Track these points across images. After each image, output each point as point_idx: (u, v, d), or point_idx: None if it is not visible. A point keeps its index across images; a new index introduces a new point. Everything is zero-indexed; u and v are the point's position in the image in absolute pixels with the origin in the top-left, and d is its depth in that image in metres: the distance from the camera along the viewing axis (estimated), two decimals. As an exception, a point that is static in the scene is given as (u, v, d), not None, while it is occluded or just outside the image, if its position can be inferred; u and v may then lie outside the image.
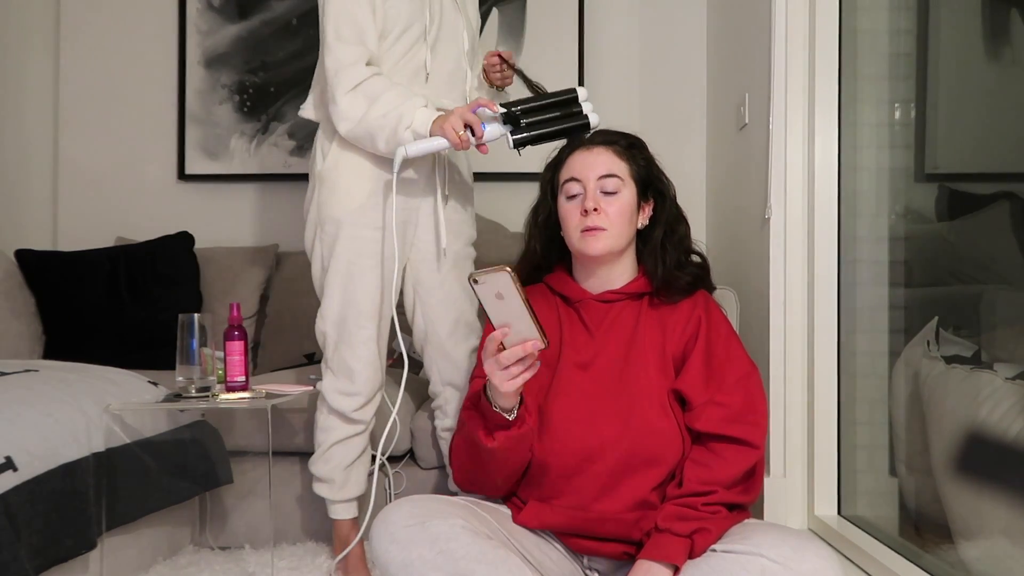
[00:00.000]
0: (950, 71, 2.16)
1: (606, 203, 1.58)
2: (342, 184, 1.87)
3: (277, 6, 3.15)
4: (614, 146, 1.64)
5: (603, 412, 1.52)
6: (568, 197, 1.62)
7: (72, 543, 1.67)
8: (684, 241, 1.66)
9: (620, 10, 3.03)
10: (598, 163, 1.61)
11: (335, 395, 1.91)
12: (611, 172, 1.60)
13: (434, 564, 1.36)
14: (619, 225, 1.59)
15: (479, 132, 1.72)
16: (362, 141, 1.82)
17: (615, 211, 1.58)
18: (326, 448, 1.94)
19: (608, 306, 1.62)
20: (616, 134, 1.67)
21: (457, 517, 1.43)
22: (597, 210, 1.57)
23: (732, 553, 1.36)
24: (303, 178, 3.15)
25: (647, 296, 1.63)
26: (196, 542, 2.21)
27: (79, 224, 3.18)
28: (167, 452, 2.00)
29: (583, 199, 1.59)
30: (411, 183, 1.90)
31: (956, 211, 2.26)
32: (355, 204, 1.86)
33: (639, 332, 1.59)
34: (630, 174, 1.62)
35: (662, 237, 1.64)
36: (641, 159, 1.65)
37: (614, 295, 1.62)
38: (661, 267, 1.62)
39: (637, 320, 1.60)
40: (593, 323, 1.61)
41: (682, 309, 1.61)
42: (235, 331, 1.89)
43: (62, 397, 1.79)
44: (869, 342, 2.30)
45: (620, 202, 1.59)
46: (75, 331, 2.81)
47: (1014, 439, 1.65)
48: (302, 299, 2.82)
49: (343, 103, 1.79)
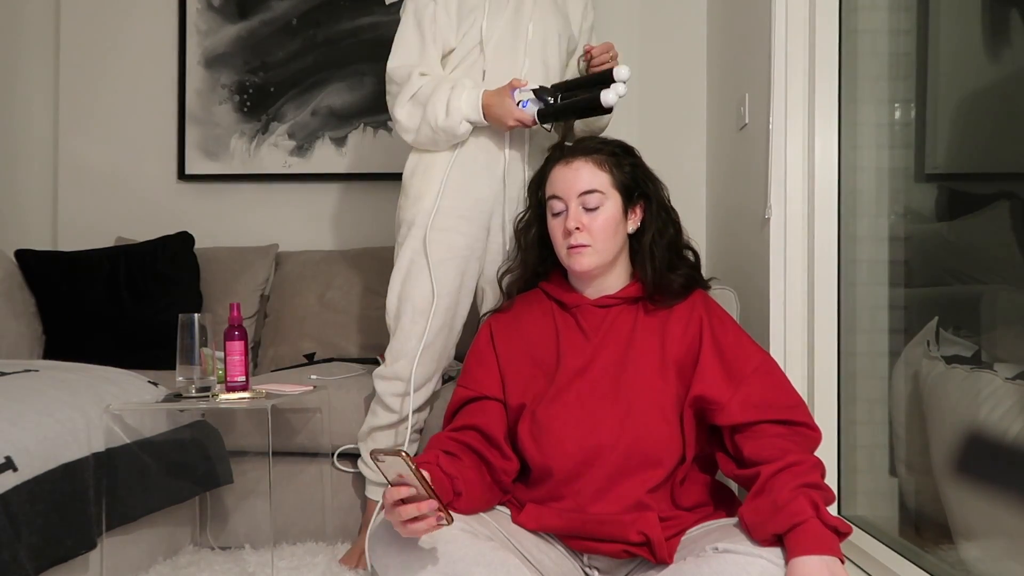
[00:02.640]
0: (950, 71, 2.16)
1: (589, 219, 1.58)
2: (414, 188, 1.97)
3: (277, 6, 3.15)
4: (594, 156, 1.62)
5: (600, 416, 1.52)
6: (554, 214, 1.63)
7: (72, 543, 1.67)
8: (675, 243, 1.66)
9: (620, 10, 3.03)
10: (578, 179, 1.60)
11: (378, 378, 2.01)
12: (591, 188, 1.59)
13: (433, 567, 1.36)
14: (603, 240, 1.59)
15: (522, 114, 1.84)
16: (429, 145, 1.94)
17: (598, 227, 1.58)
18: (368, 431, 2.05)
19: (605, 311, 1.62)
20: (599, 142, 1.67)
21: (455, 519, 1.43)
22: (580, 228, 1.57)
23: (732, 553, 1.36)
24: (303, 178, 3.19)
25: (642, 301, 1.62)
26: (196, 542, 2.21)
27: (79, 224, 3.18)
28: (167, 452, 2.00)
29: (565, 217, 1.60)
30: (481, 187, 1.96)
31: (956, 211, 2.26)
32: (425, 207, 1.94)
33: (636, 336, 1.58)
34: (612, 184, 1.61)
35: (651, 241, 1.63)
36: (626, 165, 1.64)
37: (611, 300, 1.62)
38: (651, 271, 1.61)
39: (634, 325, 1.60)
40: (591, 328, 1.61)
41: (679, 312, 1.60)
42: (235, 331, 1.89)
43: (62, 397, 1.79)
44: (869, 342, 2.30)
45: (603, 216, 1.59)
46: (75, 331, 2.80)
47: (1014, 439, 1.65)
48: (302, 299, 2.83)
49: (401, 116, 1.93)
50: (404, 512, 1.29)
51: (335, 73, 3.12)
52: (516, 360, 1.63)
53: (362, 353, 2.71)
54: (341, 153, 3.13)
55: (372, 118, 3.11)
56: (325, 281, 2.84)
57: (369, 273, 2.84)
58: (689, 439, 1.53)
